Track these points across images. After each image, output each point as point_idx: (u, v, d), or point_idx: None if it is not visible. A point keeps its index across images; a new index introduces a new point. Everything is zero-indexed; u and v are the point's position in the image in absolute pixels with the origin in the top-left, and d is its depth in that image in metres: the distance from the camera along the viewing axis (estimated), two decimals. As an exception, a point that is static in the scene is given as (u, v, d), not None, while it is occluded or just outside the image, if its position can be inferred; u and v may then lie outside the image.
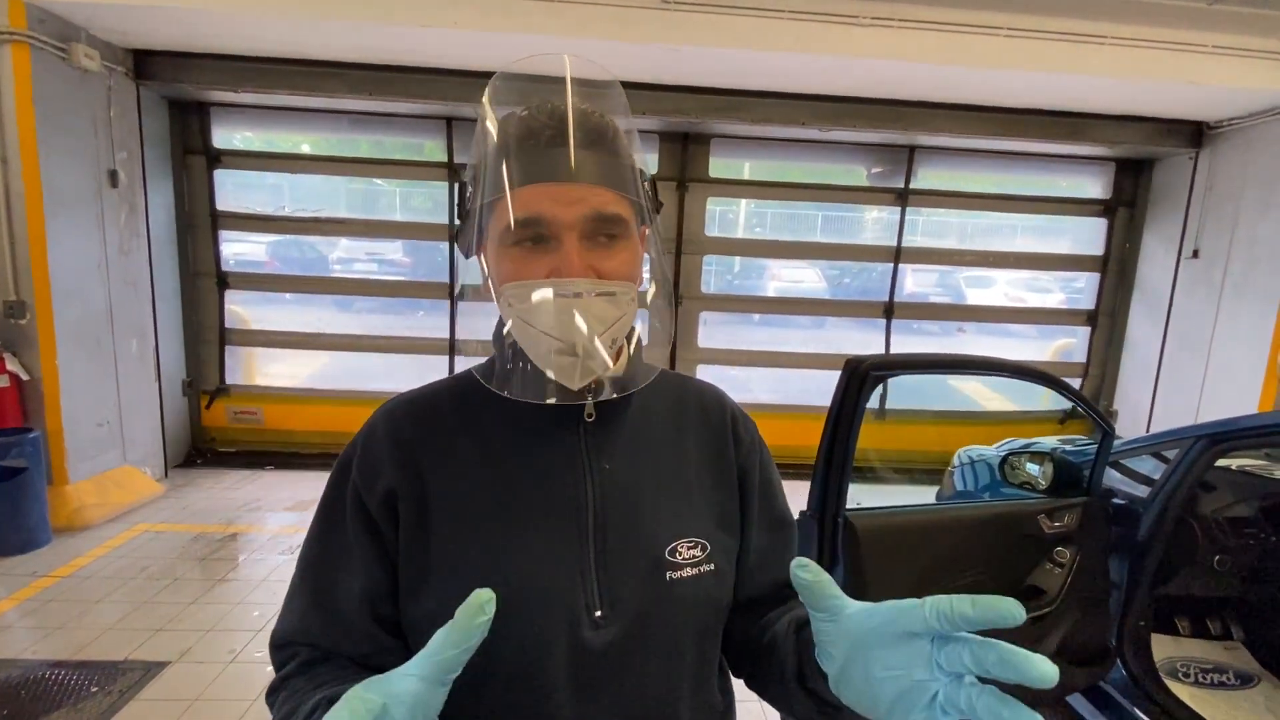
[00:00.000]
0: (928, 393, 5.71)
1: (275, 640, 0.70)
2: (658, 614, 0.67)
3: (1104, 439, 1.92)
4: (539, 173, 0.61)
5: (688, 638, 0.70)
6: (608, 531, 0.68)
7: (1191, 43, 3.74)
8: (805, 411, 5.44)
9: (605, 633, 0.65)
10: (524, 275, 0.62)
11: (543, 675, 0.64)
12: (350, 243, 5.70)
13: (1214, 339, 4.66)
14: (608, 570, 0.67)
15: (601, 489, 0.69)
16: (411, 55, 4.15)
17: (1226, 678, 2.18)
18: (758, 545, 0.77)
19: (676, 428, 0.76)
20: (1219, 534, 2.10)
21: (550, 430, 0.70)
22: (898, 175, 5.34)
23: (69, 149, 3.82)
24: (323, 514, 0.70)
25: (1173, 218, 5.10)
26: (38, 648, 2.68)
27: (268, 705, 0.67)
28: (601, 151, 0.63)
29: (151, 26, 3.83)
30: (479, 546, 0.65)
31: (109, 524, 3.91)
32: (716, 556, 0.72)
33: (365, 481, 0.67)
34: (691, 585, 0.69)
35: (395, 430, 0.70)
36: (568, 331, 0.61)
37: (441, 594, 0.64)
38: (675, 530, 0.70)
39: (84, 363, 3.98)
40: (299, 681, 0.65)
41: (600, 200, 0.62)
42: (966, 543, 1.73)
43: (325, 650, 0.67)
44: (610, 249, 0.64)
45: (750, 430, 0.82)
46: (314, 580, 0.69)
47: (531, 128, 0.62)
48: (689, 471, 0.74)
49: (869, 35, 3.66)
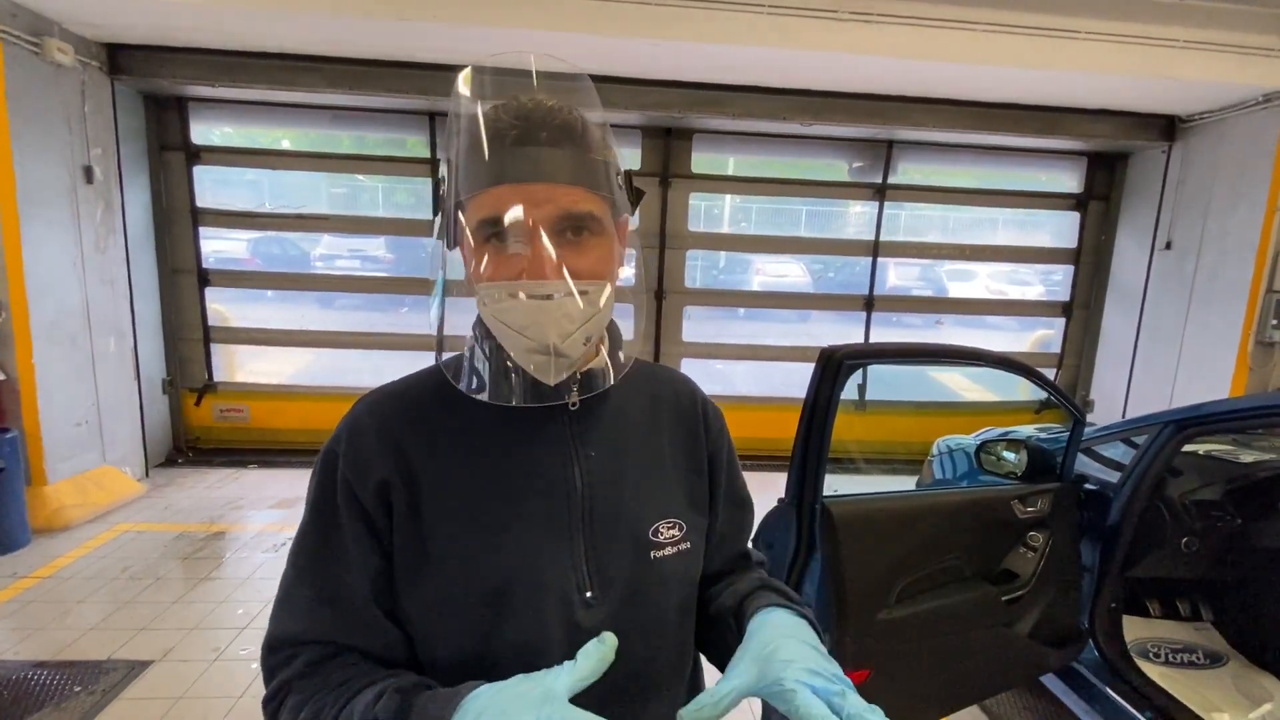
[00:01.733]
0: (907, 384, 5.79)
1: (273, 643, 0.67)
2: (644, 592, 0.71)
3: (1075, 426, 1.97)
4: (506, 173, 0.61)
5: (671, 613, 0.74)
6: (595, 515, 0.70)
7: (1165, 37, 3.81)
8: (787, 403, 5.49)
9: (596, 611, 0.69)
10: (496, 274, 0.63)
11: (539, 656, 0.66)
12: (332, 239, 5.66)
13: (1186, 329, 4.76)
14: (597, 552, 0.70)
15: (588, 475, 0.71)
16: (392, 49, 4.12)
17: (1196, 657, 2.25)
18: (722, 523, 0.84)
19: (653, 415, 0.79)
20: (1187, 517, 2.16)
21: (536, 419, 0.71)
22: (877, 170, 5.39)
23: (43, 145, 3.75)
24: (314, 511, 0.69)
25: (1146, 211, 5.20)
26: (19, 648, 2.65)
27: (265, 712, 0.66)
28: (569, 148, 0.63)
29: (126, 20, 3.77)
30: (474, 534, 0.67)
31: (89, 524, 3.86)
32: (692, 535, 0.76)
33: (356, 475, 0.67)
34: (673, 563, 0.74)
35: (381, 422, 0.70)
36: (541, 333, 0.62)
37: (439, 581, 0.66)
38: (656, 512, 0.74)
39: (61, 362, 3.93)
40: (308, 684, 0.63)
41: (569, 199, 0.62)
42: (943, 528, 1.77)
43: (334, 647, 0.66)
44: (581, 247, 0.64)
45: (718, 417, 0.86)
46: (316, 577, 0.68)
47: (499, 127, 0.62)
48: (665, 456, 0.78)
49: (848, 30, 3.69)
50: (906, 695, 1.76)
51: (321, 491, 0.69)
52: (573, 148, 0.63)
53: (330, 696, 0.61)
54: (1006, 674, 1.95)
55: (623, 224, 0.71)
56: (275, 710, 0.64)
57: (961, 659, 1.80)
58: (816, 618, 0.73)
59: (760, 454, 5.42)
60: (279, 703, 0.64)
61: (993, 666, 1.87)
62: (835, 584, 1.59)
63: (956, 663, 1.79)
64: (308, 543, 0.69)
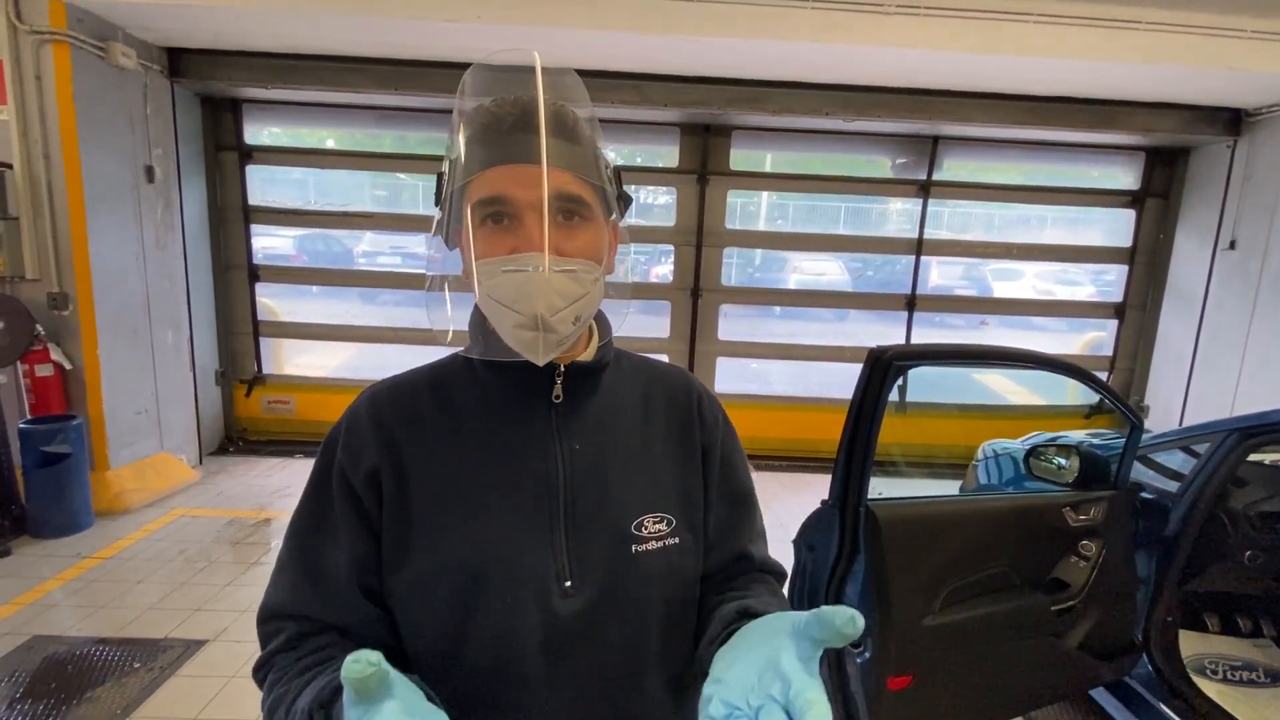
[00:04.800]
0: (950, 386, 5.65)
1: (263, 614, 0.72)
2: (623, 584, 0.72)
3: (1132, 432, 1.90)
4: (501, 155, 0.65)
5: (653, 607, 0.74)
6: (576, 507, 0.72)
7: (1229, 27, 3.63)
8: (825, 405, 5.42)
9: (574, 601, 0.70)
10: (489, 254, 0.66)
11: (516, 640, 0.69)
12: (375, 236, 5.79)
13: (1250, 332, 4.54)
14: (576, 543, 0.71)
15: (571, 467, 0.73)
16: (435, 50, 4.20)
17: (1256, 675, 2.15)
18: (717, 518, 0.82)
19: (645, 410, 0.80)
20: (1250, 529, 2.06)
21: (522, 412, 0.74)
22: (922, 166, 5.27)
23: (107, 145, 3.93)
24: (310, 493, 0.74)
25: (1208, 208, 4.97)
26: (83, 625, 2.79)
27: (255, 680, 0.71)
28: (561, 137, 0.66)
29: (185, 25, 3.92)
30: (455, 521, 0.70)
31: (148, 508, 4.04)
32: (682, 531, 0.76)
33: (350, 461, 0.72)
34: (657, 557, 0.74)
35: (377, 413, 0.74)
36: (528, 304, 0.64)
37: (421, 565, 0.69)
38: (642, 506, 0.75)
39: (123, 352, 4.12)
40: (285, 659, 0.68)
41: (560, 181, 0.65)
42: (990, 534, 1.73)
43: (315, 623, 0.70)
44: (571, 229, 0.67)
45: (715, 410, 0.86)
46: (304, 555, 0.72)
47: (496, 115, 0.66)
48: (656, 451, 0.79)
49: (895, 23, 3.62)
50: (949, 704, 1.72)
51: (319, 475, 0.74)
52: (565, 137, 0.67)
53: (294, 685, 0.65)
54: (1055, 686, 1.90)
55: (614, 224, 0.74)
56: (262, 680, 0.70)
57: (1008, 669, 1.75)
58: None
59: (797, 455, 5.37)
60: (265, 673, 0.69)
61: (1040, 678, 1.82)
62: (879, 588, 1.57)
63: (1003, 672, 1.75)
64: (302, 522, 0.74)
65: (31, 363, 3.71)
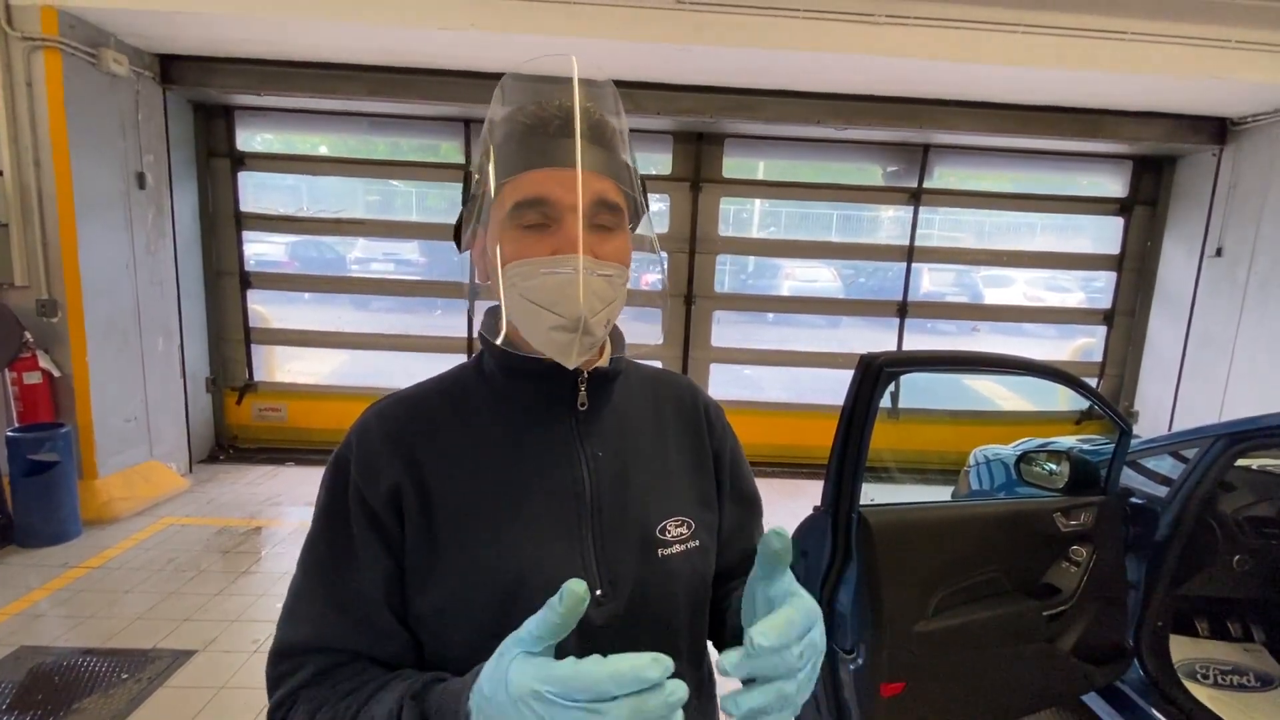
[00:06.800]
0: (941, 392, 5.68)
1: (281, 651, 0.67)
2: (653, 589, 0.72)
3: (1121, 438, 1.91)
4: (547, 158, 0.66)
5: (681, 611, 0.75)
6: (603, 515, 0.72)
7: (1215, 37, 3.69)
8: (817, 411, 5.43)
9: (606, 609, 0.69)
10: (524, 255, 0.66)
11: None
12: (367, 243, 5.78)
13: (1238, 338, 4.58)
14: (605, 551, 0.71)
15: (595, 474, 0.72)
16: (428, 57, 4.21)
17: (1246, 679, 2.16)
18: (729, 520, 0.84)
19: (656, 415, 0.81)
20: (1239, 534, 2.08)
21: (545, 420, 0.73)
22: (913, 174, 5.32)
23: (98, 152, 3.92)
24: (323, 518, 0.69)
25: (1195, 216, 5.03)
26: (70, 636, 2.76)
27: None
28: (602, 146, 0.68)
29: (177, 31, 3.91)
30: (483, 536, 0.68)
31: (136, 517, 4.01)
32: (701, 534, 0.77)
33: (366, 481, 0.68)
34: (681, 561, 0.74)
35: (391, 428, 0.71)
36: (571, 306, 0.64)
37: (450, 584, 0.67)
38: (663, 510, 0.75)
39: (113, 360, 4.09)
40: (316, 692, 0.64)
41: (602, 187, 0.67)
42: (982, 540, 1.74)
43: (342, 654, 0.66)
44: (607, 235, 0.68)
45: (720, 416, 0.88)
46: (326, 583, 0.68)
47: (541, 118, 0.67)
48: (670, 455, 0.79)
49: (885, 33, 3.65)
50: (943, 710, 1.72)
51: (331, 497, 0.70)
52: (605, 146, 0.69)
53: (343, 705, 0.61)
54: (1047, 691, 1.90)
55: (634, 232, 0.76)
56: (284, 716, 0.64)
57: (1000, 674, 1.76)
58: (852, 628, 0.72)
59: (789, 461, 5.37)
60: (286, 711, 0.64)
61: (1033, 683, 1.83)
62: (871, 594, 1.57)
63: (995, 678, 1.75)
64: (318, 549, 0.69)
65: (19, 370, 3.68)
